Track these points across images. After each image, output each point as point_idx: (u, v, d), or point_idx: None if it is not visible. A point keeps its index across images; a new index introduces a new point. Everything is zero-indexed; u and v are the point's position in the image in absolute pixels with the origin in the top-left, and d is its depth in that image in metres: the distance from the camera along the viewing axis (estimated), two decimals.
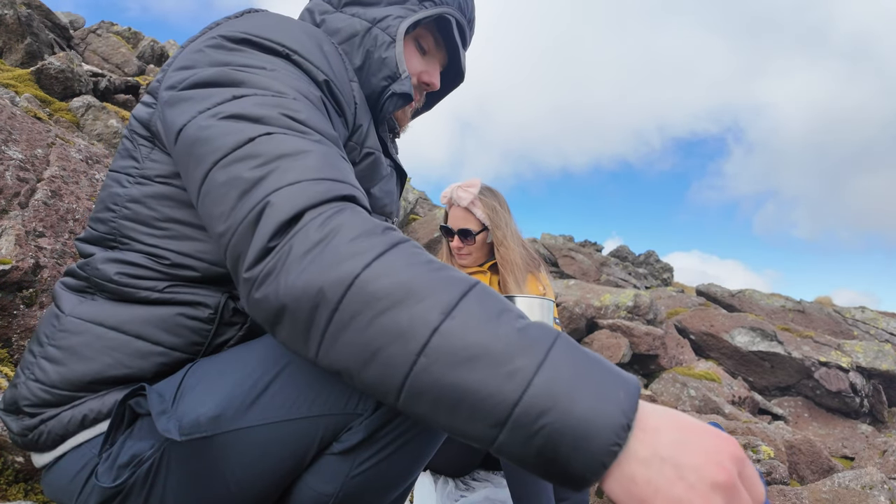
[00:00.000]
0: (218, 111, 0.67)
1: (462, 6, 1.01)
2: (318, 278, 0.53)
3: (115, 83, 3.85)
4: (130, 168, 0.81)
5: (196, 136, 0.67)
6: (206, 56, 0.75)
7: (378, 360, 0.52)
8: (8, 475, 1.13)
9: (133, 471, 0.71)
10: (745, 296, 6.76)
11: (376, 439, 0.72)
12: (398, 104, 0.96)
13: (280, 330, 0.57)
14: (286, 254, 0.56)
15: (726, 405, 3.84)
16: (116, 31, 6.02)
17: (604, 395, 0.47)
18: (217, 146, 0.64)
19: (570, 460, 0.46)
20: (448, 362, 0.49)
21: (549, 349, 0.49)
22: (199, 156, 0.66)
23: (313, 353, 0.55)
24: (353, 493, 0.73)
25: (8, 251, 1.35)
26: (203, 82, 0.71)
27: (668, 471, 0.46)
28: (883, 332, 6.25)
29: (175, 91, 0.73)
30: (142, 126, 0.81)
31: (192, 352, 0.78)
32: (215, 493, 0.72)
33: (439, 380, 0.49)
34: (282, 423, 0.70)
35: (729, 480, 0.46)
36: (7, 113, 1.71)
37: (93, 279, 0.79)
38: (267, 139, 0.63)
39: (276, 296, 0.55)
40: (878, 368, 5.07)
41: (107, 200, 0.81)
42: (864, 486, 2.02)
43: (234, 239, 0.60)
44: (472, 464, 1.78)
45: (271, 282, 0.56)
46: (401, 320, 0.51)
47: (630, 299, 4.84)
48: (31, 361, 0.78)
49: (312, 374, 0.71)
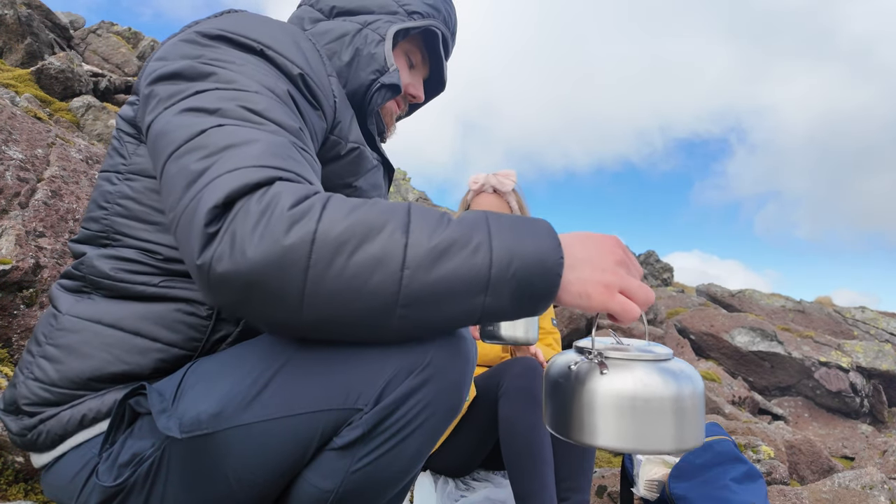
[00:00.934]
0: (180, 106, 0.69)
1: (446, 20, 1.08)
2: (275, 246, 0.56)
3: (116, 83, 3.86)
4: (119, 165, 0.82)
5: (159, 130, 0.69)
6: (178, 49, 0.76)
7: (365, 292, 0.58)
8: (8, 475, 1.13)
9: (134, 470, 0.71)
10: (745, 296, 6.76)
11: (376, 434, 0.72)
12: (386, 96, 1.00)
13: (251, 306, 0.59)
14: (233, 234, 0.57)
15: (726, 405, 3.84)
16: (116, 31, 6.02)
17: (537, 234, 0.64)
18: (172, 139, 0.66)
19: (536, 286, 0.62)
20: (426, 265, 0.59)
21: (487, 222, 0.63)
22: (159, 149, 0.68)
23: (295, 313, 0.59)
24: (353, 488, 0.73)
25: (8, 251, 1.35)
26: (170, 74, 0.73)
27: (588, 267, 0.65)
28: (883, 332, 6.25)
29: (147, 85, 0.75)
30: (127, 124, 0.83)
31: (191, 348, 0.79)
32: (216, 490, 0.72)
33: (425, 281, 0.59)
34: (282, 420, 0.71)
35: (623, 257, 0.68)
36: (7, 113, 1.71)
37: (88, 277, 0.79)
38: (217, 130, 0.64)
39: (238, 274, 0.57)
40: (879, 368, 5.07)
41: (98, 199, 0.83)
42: (865, 487, 2.02)
43: (179, 229, 0.61)
44: (472, 464, 1.78)
45: (226, 264, 0.57)
46: (374, 251, 0.58)
47: None
48: (30, 361, 0.78)
49: (312, 370, 0.72)
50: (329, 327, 0.62)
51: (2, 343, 1.34)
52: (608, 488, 1.93)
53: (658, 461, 1.72)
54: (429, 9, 1.04)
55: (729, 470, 1.60)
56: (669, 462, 1.69)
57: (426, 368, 0.73)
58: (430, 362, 0.73)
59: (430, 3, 1.04)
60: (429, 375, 0.73)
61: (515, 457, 1.46)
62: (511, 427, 1.49)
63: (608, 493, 1.93)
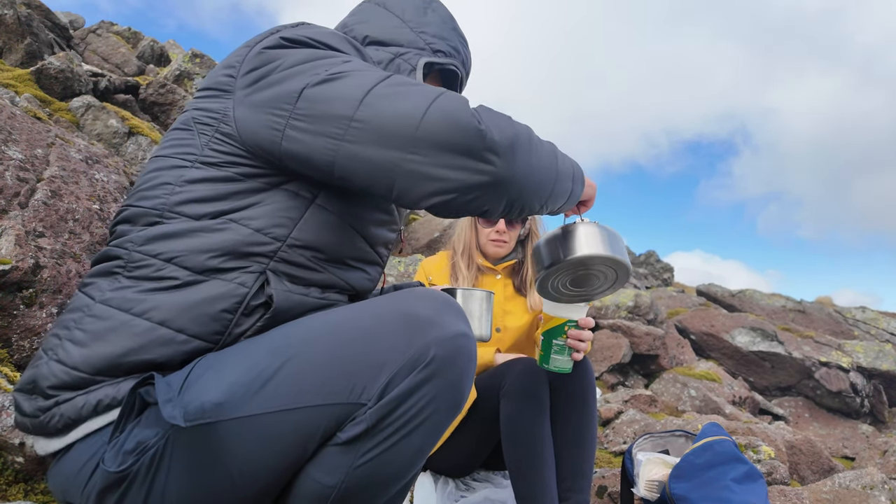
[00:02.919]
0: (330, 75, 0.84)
1: (464, 61, 1.21)
2: (520, 131, 0.83)
3: (115, 83, 3.85)
4: (188, 154, 0.89)
5: (325, 89, 0.82)
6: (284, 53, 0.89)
7: (553, 163, 0.92)
8: (8, 475, 1.13)
9: (137, 457, 0.72)
10: (746, 296, 6.76)
11: (379, 430, 0.73)
12: None
13: (513, 150, 0.81)
14: (488, 128, 0.79)
15: (727, 405, 3.84)
16: (116, 31, 6.02)
17: (575, 165, 1.01)
18: (361, 81, 0.82)
19: (579, 181, 1.02)
20: (557, 162, 0.93)
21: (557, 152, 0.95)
22: (339, 93, 0.81)
23: (526, 159, 0.83)
24: (355, 484, 0.74)
25: (8, 251, 1.35)
26: (297, 63, 0.86)
27: (587, 181, 1.09)
28: (883, 332, 6.25)
29: (271, 75, 0.86)
30: (207, 114, 0.90)
31: (213, 341, 0.81)
32: (218, 482, 0.72)
33: (562, 167, 0.94)
34: (286, 412, 0.72)
35: None
36: (7, 113, 1.71)
37: (129, 254, 0.83)
38: None
39: (504, 136, 0.81)
40: (879, 368, 5.07)
41: (155, 180, 0.88)
42: (865, 487, 2.02)
43: (434, 126, 0.78)
44: (472, 464, 1.78)
45: (496, 134, 0.79)
46: (551, 171, 0.92)
47: (630, 299, 4.84)
48: (56, 343, 0.80)
49: (317, 365, 0.73)
50: (536, 180, 0.87)
51: (1, 343, 1.34)
52: (608, 488, 1.93)
53: (659, 461, 1.71)
54: (451, 49, 1.16)
55: (729, 470, 1.60)
56: (670, 462, 1.69)
57: (429, 365, 0.74)
58: (433, 359, 0.74)
59: (452, 45, 1.16)
60: (432, 372, 0.74)
61: (517, 457, 1.46)
62: (513, 427, 1.49)
63: (608, 494, 1.92)
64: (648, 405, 3.35)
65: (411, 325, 0.76)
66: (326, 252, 0.91)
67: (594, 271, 1.17)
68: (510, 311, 1.91)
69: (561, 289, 1.25)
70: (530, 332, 1.95)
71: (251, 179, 0.87)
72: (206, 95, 0.94)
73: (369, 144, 0.78)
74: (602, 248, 1.11)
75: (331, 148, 0.80)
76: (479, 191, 0.79)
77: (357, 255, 0.97)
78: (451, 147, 0.77)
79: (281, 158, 0.85)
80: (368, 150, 0.78)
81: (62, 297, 1.44)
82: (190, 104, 0.96)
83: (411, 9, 1.13)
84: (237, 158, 0.87)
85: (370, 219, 0.98)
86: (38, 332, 1.38)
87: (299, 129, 0.82)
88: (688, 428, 2.55)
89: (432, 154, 0.77)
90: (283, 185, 0.89)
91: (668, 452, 1.87)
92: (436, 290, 0.89)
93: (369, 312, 0.80)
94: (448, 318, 0.79)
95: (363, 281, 1.00)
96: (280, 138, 0.83)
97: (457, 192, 0.79)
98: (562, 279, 1.21)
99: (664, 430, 1.96)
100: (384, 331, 0.76)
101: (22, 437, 1.12)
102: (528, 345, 1.97)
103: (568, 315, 1.36)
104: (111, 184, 1.85)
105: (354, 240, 0.96)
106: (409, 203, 0.82)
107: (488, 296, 1.35)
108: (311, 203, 0.90)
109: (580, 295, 1.28)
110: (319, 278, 0.91)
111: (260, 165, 0.88)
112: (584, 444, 1.52)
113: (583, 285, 1.23)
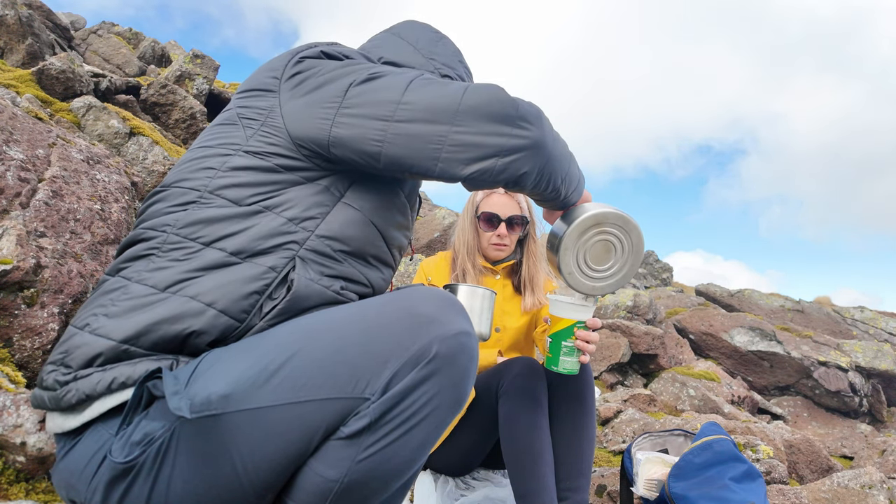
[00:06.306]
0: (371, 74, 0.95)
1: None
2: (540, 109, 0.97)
3: (116, 84, 3.86)
4: (233, 144, 0.96)
5: (370, 84, 0.93)
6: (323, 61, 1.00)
7: (565, 145, 1.05)
8: (9, 475, 1.13)
9: (144, 449, 0.73)
10: (745, 295, 6.77)
11: (382, 424, 0.74)
12: None
13: (541, 121, 0.95)
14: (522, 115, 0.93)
15: (725, 405, 3.85)
16: (117, 32, 6.02)
17: (580, 177, 1.15)
18: (401, 77, 0.94)
19: (580, 184, 1.15)
20: (570, 167, 1.08)
21: (571, 157, 1.09)
22: (384, 85, 0.93)
23: (551, 131, 0.97)
24: (358, 478, 0.75)
25: (9, 251, 1.35)
26: (337, 68, 0.97)
27: None
28: (882, 331, 6.25)
29: (314, 78, 0.96)
30: (253, 110, 0.98)
31: (240, 319, 0.85)
32: (222, 475, 0.73)
33: (570, 169, 1.07)
34: (290, 405, 0.73)
35: None
36: (8, 113, 1.72)
37: (166, 238, 0.87)
38: None
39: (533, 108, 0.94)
40: (877, 368, 5.07)
41: (198, 164, 0.94)
42: (864, 486, 2.03)
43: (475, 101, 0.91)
44: (472, 463, 1.78)
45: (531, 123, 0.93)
46: (567, 152, 1.06)
47: (629, 299, 4.85)
48: (92, 318, 0.84)
49: (321, 360, 0.75)
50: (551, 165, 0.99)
51: (2, 343, 1.34)
52: (608, 488, 1.94)
53: (658, 460, 1.72)
54: (458, 77, 1.24)
55: (728, 469, 1.60)
56: (669, 461, 1.70)
57: (432, 361, 0.76)
58: (435, 355, 0.76)
59: (458, 74, 1.25)
60: (434, 368, 0.76)
61: (515, 456, 1.46)
62: (511, 426, 1.49)
63: (608, 493, 1.93)
64: (647, 404, 3.36)
65: (415, 321, 0.78)
66: (350, 245, 0.97)
67: (610, 236, 1.22)
68: (509, 311, 1.92)
69: (585, 270, 1.25)
70: (528, 333, 1.96)
71: (290, 172, 0.95)
72: (251, 95, 1.01)
73: (418, 122, 0.90)
74: (610, 207, 1.20)
75: (380, 129, 0.90)
76: (517, 153, 0.91)
77: (376, 253, 1.03)
78: (491, 117, 0.89)
79: (329, 145, 0.93)
80: (417, 126, 0.90)
81: (63, 296, 1.45)
82: (233, 103, 1.04)
83: (424, 40, 1.25)
84: (281, 150, 0.95)
85: (391, 220, 1.05)
86: (39, 332, 1.39)
87: (349, 115, 0.92)
88: (687, 427, 2.56)
89: (475, 124, 0.89)
90: (318, 181, 0.96)
91: (667, 451, 1.88)
92: (438, 288, 0.90)
93: (373, 309, 0.82)
94: (451, 315, 0.81)
95: (379, 280, 1.05)
96: (329, 125, 0.92)
97: (496, 156, 0.90)
98: (582, 253, 1.23)
99: (663, 430, 1.97)
100: (388, 327, 0.78)
101: (23, 436, 1.12)
102: (527, 345, 1.97)
103: (577, 316, 1.37)
104: (112, 184, 1.86)
105: (375, 239, 1.02)
106: (452, 174, 0.92)
107: (491, 294, 1.36)
108: (338, 200, 0.98)
109: (601, 277, 1.27)
110: (342, 270, 0.95)
111: (300, 158, 0.95)
112: (582, 444, 1.53)
113: (601, 262, 1.25)
